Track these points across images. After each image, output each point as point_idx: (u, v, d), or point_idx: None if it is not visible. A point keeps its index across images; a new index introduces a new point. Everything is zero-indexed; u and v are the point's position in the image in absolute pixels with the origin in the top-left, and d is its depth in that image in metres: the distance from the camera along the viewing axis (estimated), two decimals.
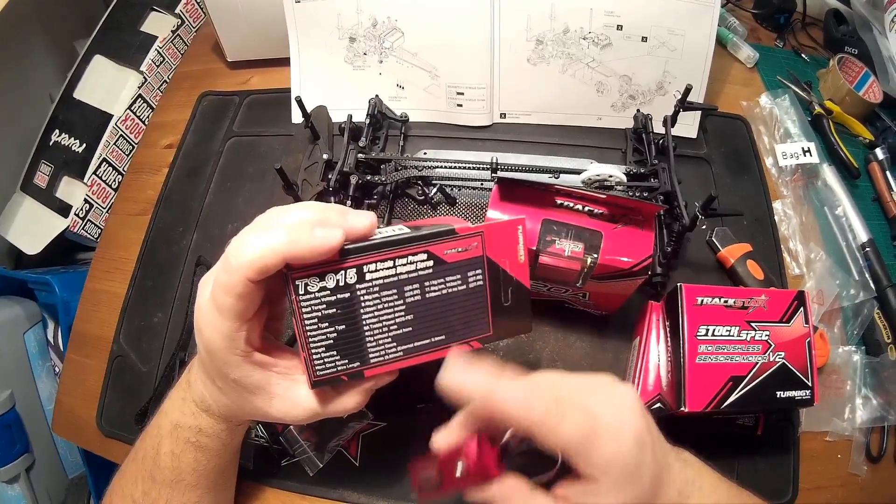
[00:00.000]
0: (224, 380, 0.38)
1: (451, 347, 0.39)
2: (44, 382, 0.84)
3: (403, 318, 0.38)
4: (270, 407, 0.39)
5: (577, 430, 0.34)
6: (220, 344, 0.36)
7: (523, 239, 0.39)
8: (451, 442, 0.37)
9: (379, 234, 0.38)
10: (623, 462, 0.34)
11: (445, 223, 0.39)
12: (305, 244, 0.33)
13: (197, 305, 0.37)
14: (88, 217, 0.81)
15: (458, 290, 0.38)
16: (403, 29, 0.71)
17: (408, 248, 0.36)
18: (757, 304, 0.52)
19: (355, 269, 0.36)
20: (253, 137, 0.79)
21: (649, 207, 0.51)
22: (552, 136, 0.74)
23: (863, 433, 0.61)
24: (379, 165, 0.66)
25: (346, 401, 0.39)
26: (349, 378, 0.38)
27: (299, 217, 0.35)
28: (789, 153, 0.73)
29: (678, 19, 0.68)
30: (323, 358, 0.37)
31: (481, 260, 0.38)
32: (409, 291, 0.37)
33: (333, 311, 0.36)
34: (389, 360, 0.38)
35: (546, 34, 0.69)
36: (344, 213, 0.36)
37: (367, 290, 0.36)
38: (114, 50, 0.86)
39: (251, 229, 0.35)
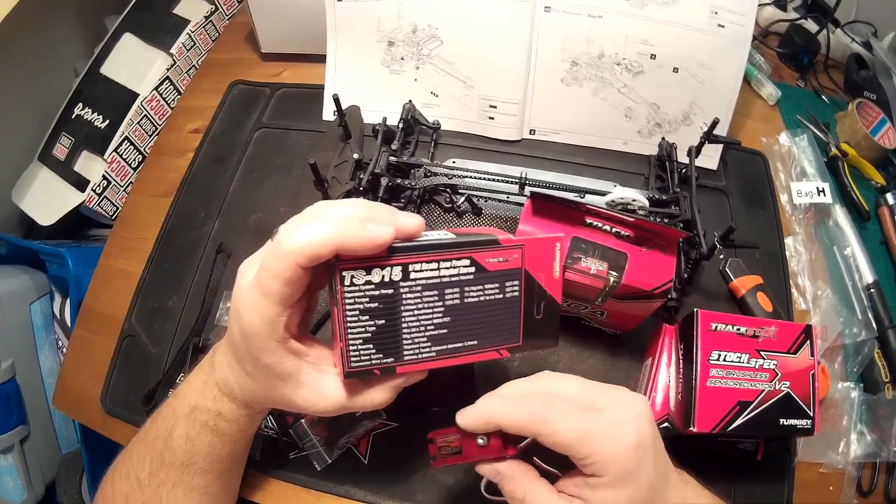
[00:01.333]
0: (255, 364, 0.39)
1: (481, 353, 0.40)
2: (46, 356, 0.83)
3: (441, 320, 0.38)
4: (297, 396, 0.40)
5: (571, 430, 0.36)
6: (259, 328, 0.36)
7: (560, 256, 0.40)
8: (473, 426, 0.40)
9: (425, 236, 0.38)
10: (622, 461, 0.36)
11: (489, 233, 0.40)
12: (358, 236, 0.34)
13: (237, 289, 0.38)
14: (105, 194, 0.81)
15: (494, 298, 0.39)
16: (442, 38, 0.72)
17: (453, 252, 0.37)
18: (767, 333, 0.53)
19: (401, 267, 0.36)
20: (282, 130, 0.79)
21: (673, 233, 0.52)
22: (578, 156, 0.75)
23: (855, 467, 0.62)
24: (409, 170, 0.66)
25: (375, 396, 0.40)
26: (381, 372, 0.39)
27: (352, 211, 0.35)
28: (804, 191, 0.75)
29: (710, 53, 0.70)
30: (359, 350, 0.38)
31: (520, 272, 0.39)
32: (449, 294, 0.38)
33: (375, 305, 0.37)
34: (422, 360, 0.39)
35: (581, 57, 0.71)
36: (394, 212, 0.37)
37: (409, 289, 0.37)
38: (144, 30, 0.86)
39: (302, 218, 0.35)
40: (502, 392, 0.40)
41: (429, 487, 0.57)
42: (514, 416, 0.38)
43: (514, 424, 0.38)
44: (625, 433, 0.37)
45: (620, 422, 0.37)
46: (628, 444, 0.36)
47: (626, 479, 0.36)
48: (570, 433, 0.36)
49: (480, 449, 0.40)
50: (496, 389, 0.40)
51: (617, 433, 0.37)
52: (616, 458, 0.36)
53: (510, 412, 0.38)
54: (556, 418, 0.37)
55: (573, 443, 0.36)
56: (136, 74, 0.84)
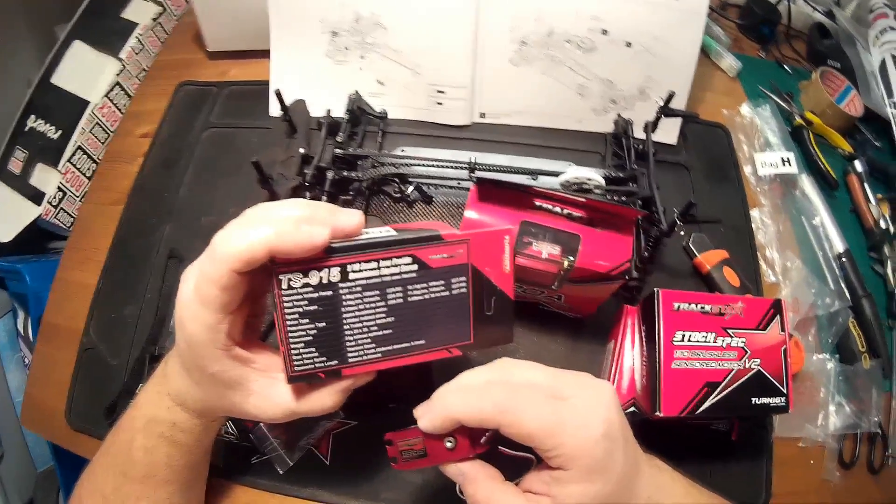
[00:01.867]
0: (202, 373, 0.38)
1: (430, 352, 0.39)
2: (13, 374, 0.82)
3: (384, 320, 0.38)
4: (247, 403, 0.39)
5: (537, 419, 0.34)
6: (201, 336, 0.36)
7: (510, 249, 0.39)
8: (435, 427, 0.37)
9: (366, 234, 0.38)
10: (591, 452, 0.35)
11: (433, 228, 0.39)
12: (291, 239, 0.33)
13: (179, 297, 0.37)
14: (61, 205, 0.79)
15: (440, 296, 0.38)
16: (386, 25, 0.70)
17: (393, 250, 0.37)
18: (734, 311, 0.52)
19: (339, 267, 0.36)
20: (230, 129, 0.78)
21: (629, 212, 0.51)
22: (532, 137, 0.74)
23: (836, 440, 0.62)
24: (356, 161, 0.65)
25: (323, 400, 0.39)
26: (326, 375, 0.38)
27: (287, 213, 0.35)
28: (768, 162, 0.74)
29: (664, 26, 0.69)
30: (301, 354, 0.37)
31: (466, 268, 0.38)
32: (391, 294, 0.37)
33: (315, 307, 0.36)
34: (368, 361, 0.38)
35: (530, 35, 0.69)
36: (333, 211, 0.36)
37: (349, 290, 0.36)
38: (94, 36, 0.84)
39: (238, 222, 0.35)
40: (460, 383, 0.38)
41: (393, 486, 0.56)
42: (475, 409, 0.35)
43: (476, 417, 0.35)
44: (593, 423, 0.35)
45: (588, 411, 0.36)
46: (597, 435, 0.35)
47: (594, 472, 0.35)
48: (536, 423, 0.34)
49: (448, 451, 0.38)
50: (452, 381, 0.38)
51: (585, 423, 0.35)
52: (585, 449, 0.34)
53: (470, 405, 0.36)
54: (522, 408, 0.35)
55: (540, 434, 0.34)
56: (86, 82, 0.82)
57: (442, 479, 0.54)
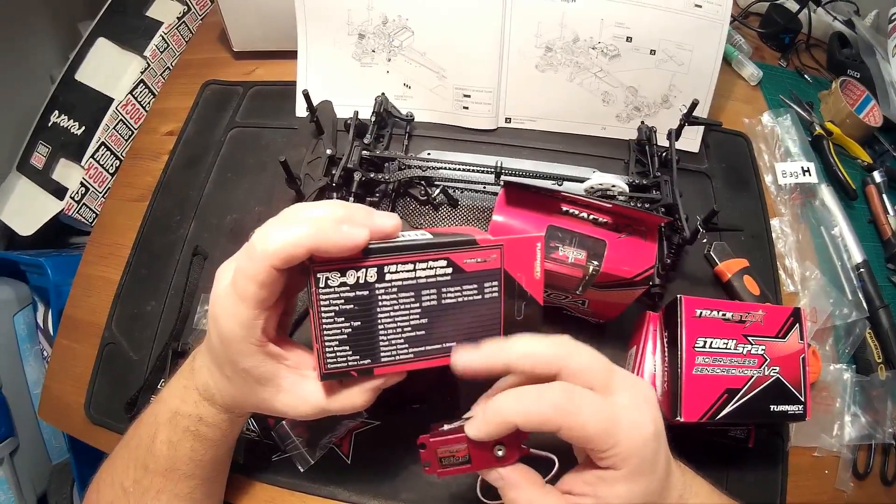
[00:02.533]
0: (234, 368, 0.38)
1: None
2: (31, 366, 0.83)
3: (418, 322, 0.38)
4: (276, 400, 0.40)
5: (598, 423, 0.34)
6: (236, 332, 0.36)
7: (541, 256, 0.40)
8: (488, 434, 0.36)
9: (402, 236, 0.38)
10: (643, 452, 0.35)
11: (467, 233, 0.39)
12: (331, 238, 0.34)
13: (214, 292, 0.38)
14: (84, 201, 0.80)
15: (473, 300, 0.39)
16: (413, 28, 0.71)
17: (429, 253, 0.37)
18: (754, 318, 0.53)
19: (376, 268, 0.36)
20: (255, 129, 0.78)
21: (653, 218, 0.51)
22: (556, 143, 0.74)
23: (850, 450, 0.62)
24: (382, 163, 0.65)
25: (354, 398, 0.40)
26: (358, 374, 0.38)
27: (327, 212, 0.35)
28: (789, 172, 0.74)
29: (687, 34, 0.69)
30: (335, 351, 0.37)
31: (498, 272, 0.39)
32: (426, 296, 0.38)
33: (351, 307, 0.37)
34: (400, 361, 0.39)
35: (556, 42, 0.70)
36: (370, 213, 0.37)
37: (385, 290, 0.37)
38: (118, 33, 0.85)
39: (277, 220, 0.36)
40: (517, 346, 0.37)
41: (413, 486, 0.56)
42: (534, 413, 0.34)
43: (535, 421, 0.34)
44: (645, 422, 0.35)
45: (639, 409, 0.35)
46: (649, 434, 0.35)
47: (642, 472, 0.35)
48: (596, 425, 0.33)
49: (495, 460, 0.38)
50: (503, 345, 0.37)
51: (638, 422, 0.35)
52: (637, 449, 0.34)
53: (529, 409, 0.34)
54: (582, 410, 0.34)
55: (599, 435, 0.34)
56: (110, 79, 0.83)
57: (462, 479, 0.55)
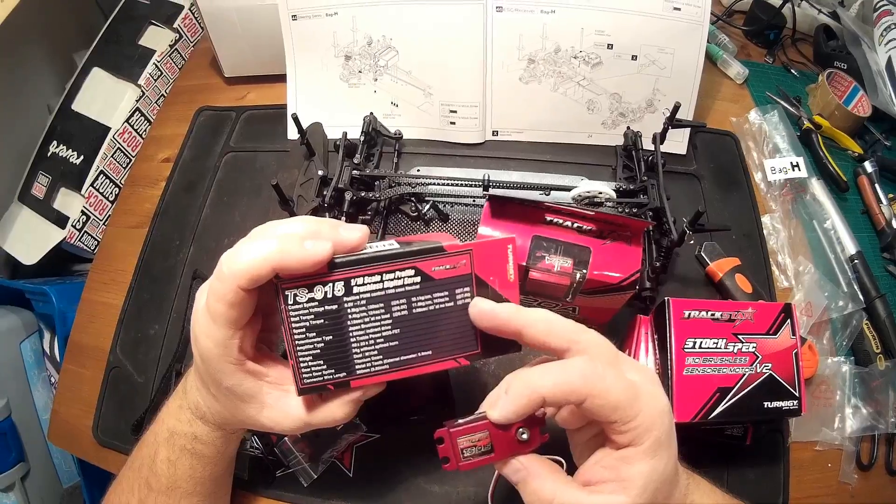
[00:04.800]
0: (217, 387, 0.39)
1: (438, 363, 0.40)
2: (39, 392, 0.84)
3: (390, 332, 0.38)
4: (261, 416, 0.40)
5: (623, 390, 0.33)
6: (214, 351, 0.37)
7: (513, 258, 0.39)
8: (515, 412, 0.35)
9: (370, 248, 0.38)
10: (662, 425, 0.34)
11: (436, 240, 0.39)
12: (294, 255, 0.34)
13: (193, 313, 0.38)
14: (85, 229, 0.81)
15: (445, 307, 0.39)
16: (398, 47, 0.72)
17: (395, 263, 0.37)
18: (744, 317, 0.53)
19: (343, 282, 0.36)
20: (249, 153, 0.80)
21: (637, 223, 0.52)
22: (543, 153, 0.75)
23: (853, 442, 0.62)
24: (373, 182, 0.66)
25: (335, 411, 0.40)
26: (335, 387, 0.38)
27: (291, 229, 0.36)
28: (778, 168, 0.74)
29: (668, 38, 0.70)
30: (310, 366, 0.37)
31: (469, 278, 0.39)
32: (395, 306, 0.38)
33: (321, 321, 0.37)
34: (375, 373, 0.39)
35: (538, 53, 0.70)
36: (336, 226, 0.37)
37: (354, 303, 0.37)
38: (112, 62, 0.87)
39: (245, 240, 0.36)
40: (532, 315, 0.36)
41: (415, 496, 0.57)
42: (562, 382, 0.33)
43: (563, 391, 0.33)
44: (660, 394, 0.35)
45: (652, 384, 0.35)
46: (665, 407, 0.35)
47: (661, 446, 0.34)
48: (621, 392, 0.33)
49: (518, 444, 0.36)
50: (521, 309, 0.36)
51: (656, 394, 0.35)
52: (657, 421, 0.34)
53: (557, 379, 0.33)
54: (605, 379, 0.33)
55: (623, 404, 0.33)
56: (107, 108, 0.85)
57: (467, 488, 0.56)
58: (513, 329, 0.36)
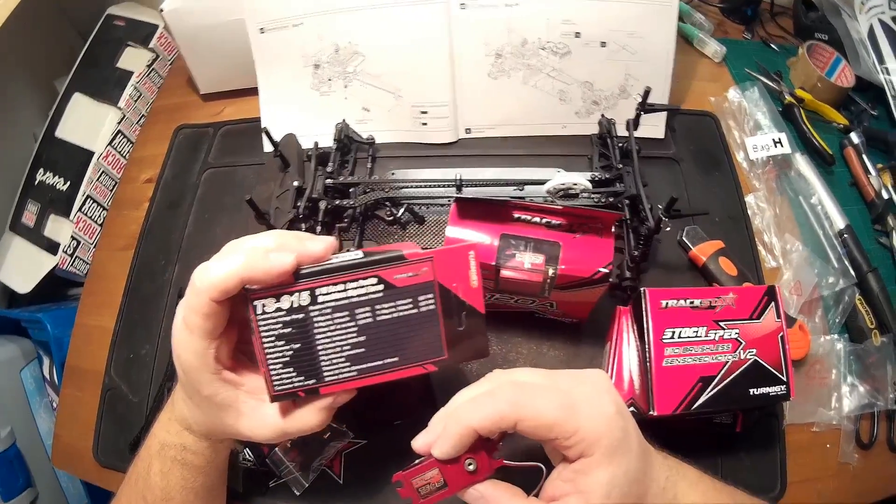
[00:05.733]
0: (199, 396, 0.40)
1: (405, 369, 0.40)
2: (42, 418, 0.85)
3: (356, 339, 0.39)
4: (240, 424, 0.41)
5: (555, 409, 0.34)
6: (192, 362, 0.39)
7: (476, 265, 0.40)
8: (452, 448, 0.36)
9: (335, 259, 0.39)
10: (611, 431, 0.35)
11: (399, 249, 0.40)
12: (259, 267, 0.36)
13: (173, 327, 0.40)
14: (76, 253, 0.82)
15: (409, 314, 0.39)
16: (364, 53, 0.72)
17: (358, 272, 0.38)
18: (724, 302, 0.52)
19: (308, 291, 0.38)
20: (228, 168, 0.80)
21: (606, 215, 0.51)
22: (518, 147, 0.75)
23: (851, 421, 0.61)
24: (347, 189, 0.66)
25: (309, 418, 0.41)
26: (306, 394, 0.40)
27: (257, 244, 0.38)
28: (760, 145, 0.73)
29: (637, 22, 0.69)
30: (280, 374, 0.39)
31: (431, 285, 0.39)
32: (360, 314, 0.39)
33: (289, 330, 0.38)
34: (344, 379, 0.40)
35: (504, 47, 0.70)
36: (301, 238, 0.39)
37: (319, 312, 0.38)
38: (92, 87, 0.87)
39: (216, 256, 0.38)
40: (460, 398, 0.38)
41: (405, 500, 0.57)
42: (491, 412, 0.35)
43: (493, 420, 0.35)
44: (603, 402, 0.36)
45: (594, 394, 0.36)
46: (611, 412, 0.35)
47: (616, 451, 0.35)
48: (553, 411, 0.34)
49: (470, 475, 0.37)
50: (449, 404, 0.38)
51: (597, 403, 0.36)
52: (603, 429, 0.34)
53: (486, 409, 0.35)
54: (536, 398, 0.35)
55: (561, 418, 0.34)
56: (89, 133, 0.85)
57: None
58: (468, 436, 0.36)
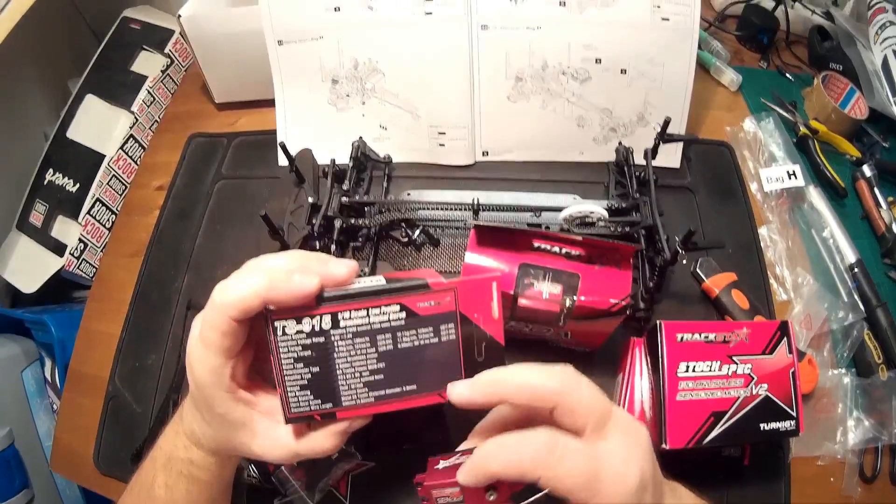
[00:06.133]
0: (211, 413, 0.40)
1: (422, 397, 0.40)
2: (42, 419, 0.84)
3: (375, 366, 0.39)
4: (252, 443, 0.41)
5: (576, 477, 0.34)
6: (207, 378, 0.38)
7: (497, 296, 0.40)
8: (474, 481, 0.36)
9: (358, 283, 0.39)
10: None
11: (422, 276, 0.40)
12: (283, 288, 0.35)
13: (189, 341, 0.39)
14: (83, 256, 0.81)
15: (430, 343, 0.39)
16: (384, 70, 0.71)
17: (382, 298, 0.38)
18: (738, 337, 0.52)
19: (331, 315, 0.37)
20: (241, 180, 0.80)
21: (625, 248, 0.51)
22: (535, 172, 0.75)
23: (856, 454, 0.61)
24: (363, 208, 0.66)
25: (322, 441, 0.40)
26: (322, 418, 0.39)
27: (281, 263, 0.37)
28: (774, 177, 0.73)
29: (657, 49, 0.69)
30: (297, 396, 0.38)
31: (454, 315, 0.39)
32: (381, 340, 0.38)
33: (309, 353, 0.38)
34: (361, 405, 0.39)
35: (525, 70, 0.70)
36: (325, 261, 0.38)
37: (340, 336, 0.38)
38: (105, 89, 0.87)
39: (237, 273, 0.37)
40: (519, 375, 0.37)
41: None
42: (514, 465, 0.35)
43: (515, 473, 0.34)
44: (630, 474, 0.35)
45: (625, 460, 0.36)
46: (632, 488, 0.35)
47: None
48: (573, 480, 0.34)
49: (488, 502, 0.37)
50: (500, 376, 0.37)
51: (622, 475, 0.35)
52: (618, 501, 0.34)
53: (510, 462, 0.35)
54: (562, 463, 0.34)
55: (578, 489, 0.34)
56: (101, 135, 0.85)
57: None
58: (496, 401, 0.37)
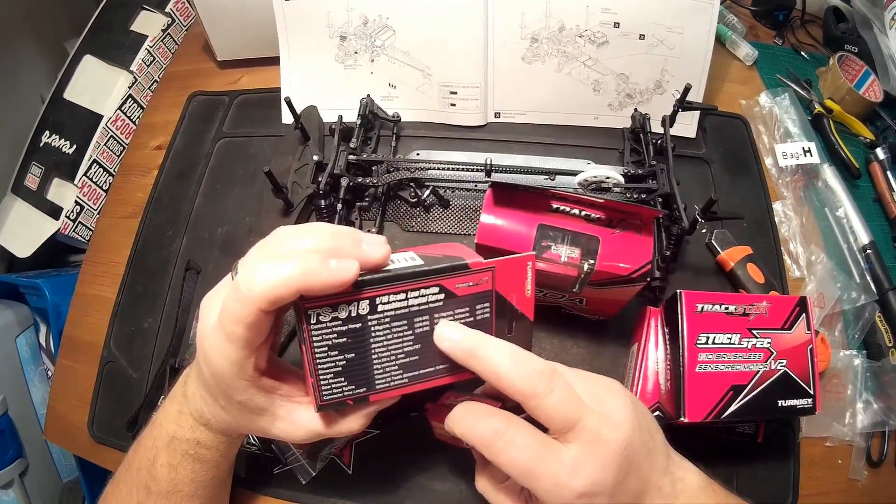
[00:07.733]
0: (228, 400, 0.38)
1: (454, 375, 0.40)
2: (36, 387, 0.83)
3: (411, 348, 0.38)
4: (273, 427, 0.40)
5: (516, 466, 0.35)
6: (227, 370, 0.36)
7: (532, 275, 0.39)
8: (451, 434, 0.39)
9: (392, 263, 0.37)
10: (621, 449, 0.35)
11: (456, 253, 0.39)
12: (320, 278, 0.32)
13: (201, 329, 0.37)
14: (79, 219, 0.80)
15: (465, 322, 0.39)
16: (395, 27, 0.69)
17: (421, 281, 0.36)
18: (758, 310, 0.51)
19: (368, 300, 0.35)
20: (243, 138, 0.78)
21: (648, 212, 0.49)
22: (548, 135, 0.73)
23: (863, 438, 0.60)
24: (370, 167, 0.64)
25: (350, 423, 0.39)
26: (354, 402, 0.38)
27: (313, 245, 0.34)
28: (790, 153, 0.72)
29: (677, 17, 0.67)
30: (330, 384, 0.37)
31: (490, 294, 0.39)
32: (418, 322, 0.37)
33: (344, 340, 0.36)
34: (395, 387, 0.39)
35: (541, 32, 0.68)
36: (357, 241, 0.35)
37: (378, 321, 0.36)
38: (104, 50, 0.85)
39: (262, 256, 0.35)
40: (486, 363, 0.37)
41: (417, 494, 0.56)
42: (467, 435, 0.37)
43: (470, 441, 0.37)
44: (575, 482, 0.35)
45: (576, 469, 0.35)
46: (575, 493, 0.35)
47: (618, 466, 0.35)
48: (513, 469, 0.35)
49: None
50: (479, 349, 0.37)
51: (565, 481, 0.35)
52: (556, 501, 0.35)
53: (464, 430, 0.37)
54: (505, 450, 0.35)
55: (516, 476, 0.35)
56: (99, 96, 0.83)
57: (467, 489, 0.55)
58: (471, 367, 0.37)
